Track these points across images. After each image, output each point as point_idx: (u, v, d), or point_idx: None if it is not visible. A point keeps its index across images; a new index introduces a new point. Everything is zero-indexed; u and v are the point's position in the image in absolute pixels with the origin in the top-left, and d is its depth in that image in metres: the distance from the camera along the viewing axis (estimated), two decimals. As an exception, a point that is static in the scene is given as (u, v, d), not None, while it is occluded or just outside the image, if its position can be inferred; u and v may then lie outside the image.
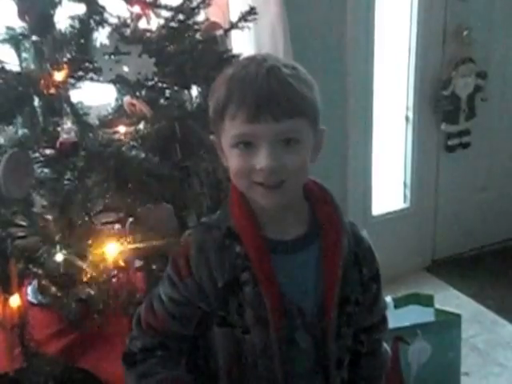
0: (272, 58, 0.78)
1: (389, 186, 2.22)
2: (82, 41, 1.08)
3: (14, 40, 1.12)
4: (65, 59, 1.06)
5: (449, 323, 1.45)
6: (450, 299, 1.98)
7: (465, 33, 2.04)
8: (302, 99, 0.75)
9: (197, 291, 0.82)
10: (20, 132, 1.11)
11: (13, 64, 1.12)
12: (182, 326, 0.86)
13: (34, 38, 1.10)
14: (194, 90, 1.28)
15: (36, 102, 1.10)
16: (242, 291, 0.80)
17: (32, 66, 1.12)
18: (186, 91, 1.26)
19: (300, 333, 0.83)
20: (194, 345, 0.89)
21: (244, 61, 0.80)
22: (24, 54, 1.14)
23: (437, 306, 1.50)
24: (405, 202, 2.21)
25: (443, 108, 2.09)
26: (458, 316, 1.45)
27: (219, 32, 1.27)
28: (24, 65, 1.13)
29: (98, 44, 1.09)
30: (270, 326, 0.80)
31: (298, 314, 0.82)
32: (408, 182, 2.18)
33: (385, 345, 0.97)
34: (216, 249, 0.81)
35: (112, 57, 1.08)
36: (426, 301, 1.49)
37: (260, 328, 0.81)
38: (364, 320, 0.90)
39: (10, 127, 1.11)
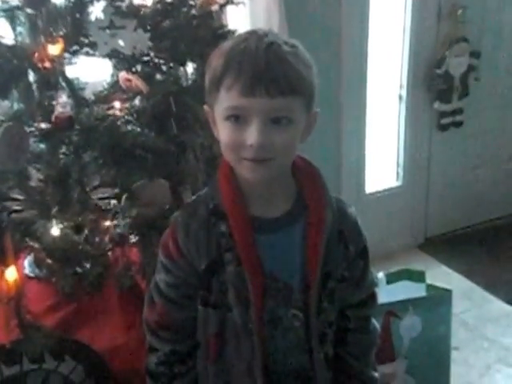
0: (273, 34, 0.78)
1: (382, 164, 2.24)
2: (77, 15, 1.07)
3: (9, 13, 1.11)
4: (60, 33, 1.06)
5: (440, 298, 1.47)
6: (442, 276, 2.00)
7: (459, 12, 2.04)
8: (298, 78, 0.74)
9: (190, 270, 0.83)
10: (15, 106, 1.11)
11: (7, 38, 1.12)
12: (182, 310, 0.86)
13: (29, 11, 1.10)
14: (190, 66, 1.28)
15: (31, 76, 1.10)
16: (224, 270, 0.81)
17: (27, 40, 1.11)
18: (181, 67, 1.26)
19: (285, 309, 0.84)
20: None
21: (245, 34, 0.79)
22: (19, 28, 1.13)
23: (428, 282, 1.52)
24: (397, 180, 2.22)
25: (436, 87, 2.09)
26: (449, 291, 1.47)
27: (214, 7, 1.27)
28: (19, 38, 1.12)
29: (93, 18, 1.09)
30: (252, 306, 0.81)
31: (285, 290, 0.84)
32: (401, 160, 2.19)
33: (374, 322, 0.96)
34: (202, 227, 0.81)
35: (107, 31, 1.08)
36: (418, 277, 1.51)
37: (241, 307, 0.82)
38: (351, 296, 0.91)
39: (6, 101, 1.11)
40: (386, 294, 1.41)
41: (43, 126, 1.08)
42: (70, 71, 1.14)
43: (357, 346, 0.94)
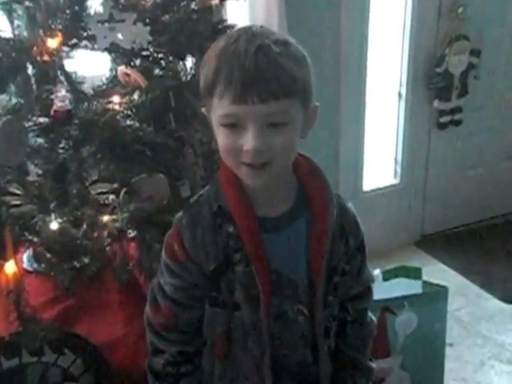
0: (263, 33, 0.75)
1: (380, 162, 2.24)
2: (76, 8, 1.07)
3: (7, 6, 1.10)
4: (58, 26, 1.05)
5: (435, 295, 1.48)
6: (437, 273, 2.01)
7: (460, 9, 2.03)
8: (291, 80, 0.73)
9: (198, 272, 0.83)
10: (13, 100, 1.10)
11: (5, 31, 1.11)
12: (190, 312, 0.86)
13: (27, 4, 1.09)
14: (189, 61, 1.28)
15: (30, 70, 1.09)
16: (233, 271, 0.81)
17: (25, 33, 1.11)
18: (180, 62, 1.26)
19: (291, 305, 0.85)
20: None
21: (234, 34, 0.76)
22: (17, 21, 1.13)
23: (424, 279, 1.53)
24: (395, 177, 2.23)
25: (436, 85, 2.09)
26: (445, 288, 1.48)
27: (214, 2, 1.26)
28: (17, 32, 1.12)
29: (91, 11, 1.08)
30: (260, 304, 0.82)
31: (290, 286, 0.84)
32: (399, 158, 2.19)
33: (370, 314, 0.98)
34: (208, 229, 0.81)
35: (106, 24, 1.08)
36: (414, 273, 1.51)
37: (250, 305, 0.82)
38: (350, 289, 0.92)
39: (4, 95, 1.11)
40: (383, 290, 1.41)
41: (42, 120, 1.08)
42: (69, 65, 1.14)
43: (355, 337, 0.95)
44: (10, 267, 1.05)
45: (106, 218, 1.17)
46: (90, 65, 1.21)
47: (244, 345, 0.85)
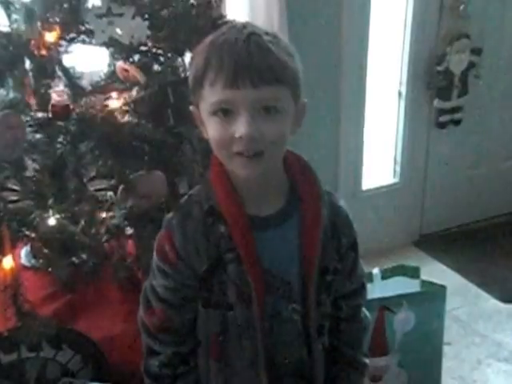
0: (252, 25, 0.77)
1: (379, 161, 2.24)
2: (74, 1, 1.06)
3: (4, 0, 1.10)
4: (56, 20, 1.05)
5: (434, 294, 1.48)
6: (436, 273, 2.00)
7: (461, 7, 2.03)
8: (282, 67, 0.74)
9: (189, 273, 0.83)
10: (11, 94, 1.10)
11: (3, 25, 1.10)
12: (183, 313, 0.86)
13: (25, -3, 1.09)
14: (188, 57, 1.27)
15: (27, 64, 1.09)
16: (225, 270, 0.81)
17: (22, 27, 1.10)
18: (179, 57, 1.25)
19: (285, 304, 0.85)
20: None
21: (224, 28, 0.78)
22: (14, 15, 1.12)
23: (422, 278, 1.52)
24: (394, 177, 2.22)
25: (437, 84, 2.08)
26: (443, 287, 1.48)
27: (214, -3, 1.26)
28: (14, 26, 1.11)
29: (89, 5, 1.08)
30: (253, 303, 0.82)
31: (284, 285, 0.84)
32: (398, 157, 2.19)
33: (365, 310, 0.99)
34: (200, 229, 0.81)
35: (104, 18, 1.07)
36: (412, 272, 1.51)
37: (243, 305, 0.83)
38: (343, 287, 0.92)
39: (1, 90, 1.10)
40: (381, 289, 1.41)
41: (39, 115, 1.08)
42: (67, 61, 1.13)
43: (349, 334, 0.96)
44: (8, 263, 1.04)
45: (103, 215, 1.16)
46: (88, 60, 1.20)
47: (239, 344, 0.85)
